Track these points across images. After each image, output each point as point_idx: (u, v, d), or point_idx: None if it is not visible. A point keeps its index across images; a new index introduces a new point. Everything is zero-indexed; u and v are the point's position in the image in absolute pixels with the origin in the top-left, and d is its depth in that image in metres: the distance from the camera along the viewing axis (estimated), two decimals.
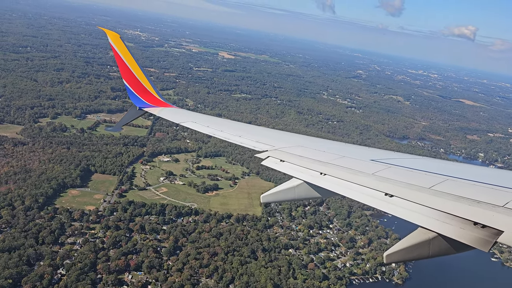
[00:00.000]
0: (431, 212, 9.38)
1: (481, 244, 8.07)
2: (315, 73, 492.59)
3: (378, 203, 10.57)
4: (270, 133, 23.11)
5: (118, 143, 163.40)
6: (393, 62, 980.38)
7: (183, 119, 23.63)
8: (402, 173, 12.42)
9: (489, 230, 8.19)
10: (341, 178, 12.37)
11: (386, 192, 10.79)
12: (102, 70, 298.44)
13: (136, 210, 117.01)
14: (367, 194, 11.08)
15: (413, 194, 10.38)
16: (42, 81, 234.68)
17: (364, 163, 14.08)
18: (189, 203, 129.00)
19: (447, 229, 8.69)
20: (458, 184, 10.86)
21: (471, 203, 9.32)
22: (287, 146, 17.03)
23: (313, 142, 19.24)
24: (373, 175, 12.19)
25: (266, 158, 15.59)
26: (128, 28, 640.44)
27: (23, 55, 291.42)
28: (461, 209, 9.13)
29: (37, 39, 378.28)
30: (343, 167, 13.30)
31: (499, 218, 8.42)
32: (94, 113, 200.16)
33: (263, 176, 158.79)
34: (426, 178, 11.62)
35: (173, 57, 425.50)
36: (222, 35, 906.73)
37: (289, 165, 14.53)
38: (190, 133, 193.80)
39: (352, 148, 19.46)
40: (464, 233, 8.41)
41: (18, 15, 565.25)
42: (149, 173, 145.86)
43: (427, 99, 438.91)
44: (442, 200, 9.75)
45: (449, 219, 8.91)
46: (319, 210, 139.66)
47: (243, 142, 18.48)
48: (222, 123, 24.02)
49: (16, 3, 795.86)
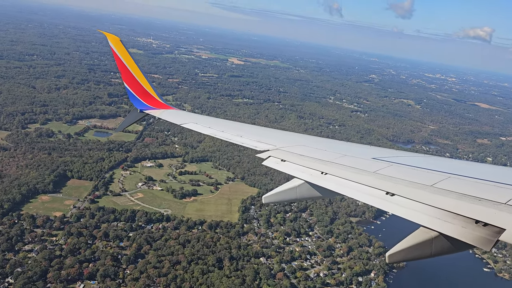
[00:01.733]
0: (432, 210, 9.30)
1: (483, 243, 7.97)
2: (325, 78, 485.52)
3: (379, 202, 10.51)
4: (272, 133, 22.86)
5: (103, 149, 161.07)
6: (410, 67, 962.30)
7: (184, 121, 24.04)
8: (404, 171, 12.37)
9: (491, 228, 8.10)
10: (342, 177, 12.38)
11: (387, 191, 10.72)
12: (104, 76, 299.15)
13: (105, 217, 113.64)
14: (368, 194, 11.02)
15: (414, 193, 10.29)
16: (40, 87, 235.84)
17: (366, 161, 14.00)
18: (163, 209, 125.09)
19: (448, 228, 8.62)
20: (460, 182, 10.80)
21: (473, 201, 9.24)
22: (289, 145, 17.09)
23: (315, 141, 19.36)
24: (375, 174, 12.17)
25: (267, 158, 15.58)
26: (141, 36, 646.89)
27: (26, 63, 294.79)
28: (462, 207, 9.02)
29: (46, 47, 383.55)
30: (344, 166, 13.34)
31: (501, 216, 8.36)
32: (86, 119, 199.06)
33: (248, 181, 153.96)
34: (428, 176, 11.50)
35: (180, 63, 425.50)
36: (237, 41, 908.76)
37: (290, 165, 14.48)
38: (180, 138, 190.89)
39: (354, 147, 19.43)
40: (466, 232, 8.34)
41: (34, 25, 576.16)
42: (128, 178, 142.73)
43: (440, 103, 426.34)
44: (444, 198, 9.67)
45: (450, 218, 8.82)
46: (301, 216, 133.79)
47: (244, 142, 18.60)
48: (223, 123, 24.09)
49: (33, 13, 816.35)
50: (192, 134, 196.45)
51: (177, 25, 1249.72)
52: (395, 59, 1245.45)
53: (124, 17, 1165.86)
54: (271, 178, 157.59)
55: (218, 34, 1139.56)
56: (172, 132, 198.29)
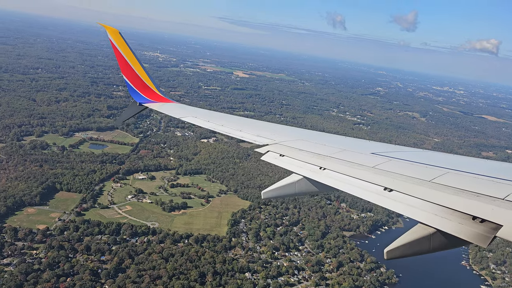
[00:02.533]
0: (430, 206, 9.25)
1: (480, 240, 7.91)
2: (329, 91, 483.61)
3: (377, 198, 10.41)
4: (271, 127, 22.70)
5: (96, 161, 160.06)
6: (418, 79, 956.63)
7: (183, 114, 23.88)
8: (402, 166, 12.23)
9: (488, 224, 8.05)
10: (341, 172, 12.29)
11: (385, 186, 10.64)
12: (106, 89, 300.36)
13: (89, 230, 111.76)
14: (366, 189, 10.94)
15: (412, 188, 10.21)
16: (40, 100, 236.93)
17: (365, 156, 13.91)
18: (150, 222, 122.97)
19: (446, 224, 8.56)
20: (458, 177, 10.70)
21: (470, 196, 9.17)
22: (288, 140, 16.98)
23: (314, 136, 19.22)
24: (373, 169, 12.05)
25: (266, 153, 15.48)
26: (148, 50, 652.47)
27: (30, 76, 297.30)
28: (460, 203, 8.97)
29: (52, 61, 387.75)
30: (343, 161, 13.22)
31: (498, 212, 8.27)
32: (83, 131, 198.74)
33: (241, 194, 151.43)
34: (426, 171, 11.41)
35: (185, 77, 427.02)
36: (244, 55, 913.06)
37: (289, 160, 14.41)
38: (176, 151, 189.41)
39: (353, 142, 18.88)
40: (462, 228, 8.28)
41: (42, 40, 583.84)
42: (118, 191, 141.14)
43: (446, 115, 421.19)
44: (442, 194, 9.59)
45: (448, 214, 8.76)
46: (292, 230, 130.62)
47: (243, 136, 18.56)
48: (223, 117, 24.12)
49: (44, 28, 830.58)
50: (188, 147, 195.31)
51: (186, 40, 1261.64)
52: (403, 72, 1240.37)
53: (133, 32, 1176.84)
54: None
55: (226, 48, 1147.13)
56: (168, 144, 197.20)
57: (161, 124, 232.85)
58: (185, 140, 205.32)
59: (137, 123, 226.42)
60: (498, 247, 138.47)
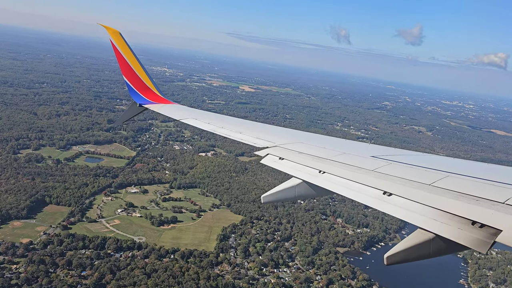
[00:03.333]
0: (429, 211, 9.14)
1: (479, 246, 7.80)
2: (335, 105, 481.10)
3: (376, 203, 10.33)
4: (272, 129, 22.61)
5: (89, 174, 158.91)
6: (427, 94, 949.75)
7: (183, 116, 23.68)
8: (402, 170, 12.16)
9: (487, 229, 7.92)
10: (340, 176, 12.18)
11: (384, 190, 10.56)
12: (108, 103, 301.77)
13: (73, 244, 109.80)
14: (365, 193, 10.83)
15: (412, 192, 10.13)
16: (41, 114, 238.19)
17: (364, 159, 13.75)
18: (137, 236, 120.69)
19: (445, 230, 8.45)
20: (459, 181, 10.64)
21: (469, 200, 9.07)
22: (288, 142, 16.87)
23: (315, 138, 19.07)
24: (373, 173, 11.98)
25: (265, 156, 15.40)
26: (156, 65, 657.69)
27: (34, 90, 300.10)
28: (459, 207, 8.88)
29: (58, 75, 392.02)
30: (343, 164, 13.16)
31: (498, 216, 8.15)
32: (80, 144, 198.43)
33: (234, 208, 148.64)
34: (426, 175, 11.31)
35: (190, 91, 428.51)
36: (252, 70, 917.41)
37: (288, 163, 14.32)
38: (172, 164, 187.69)
39: (353, 145, 18.91)
40: (462, 233, 8.16)
41: (52, 55, 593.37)
42: (108, 204, 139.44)
43: (453, 130, 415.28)
44: (441, 198, 9.51)
45: (447, 219, 8.67)
46: (283, 245, 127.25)
47: (243, 138, 18.44)
48: (224, 119, 24.06)
49: (56, 44, 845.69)
50: (185, 160, 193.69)
51: (195, 55, 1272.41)
52: (412, 86, 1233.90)
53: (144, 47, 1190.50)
54: (258, 205, 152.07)
55: (235, 63, 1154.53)
56: (165, 157, 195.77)
57: (160, 138, 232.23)
58: (182, 154, 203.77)
59: (136, 137, 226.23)
60: (498, 265, 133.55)
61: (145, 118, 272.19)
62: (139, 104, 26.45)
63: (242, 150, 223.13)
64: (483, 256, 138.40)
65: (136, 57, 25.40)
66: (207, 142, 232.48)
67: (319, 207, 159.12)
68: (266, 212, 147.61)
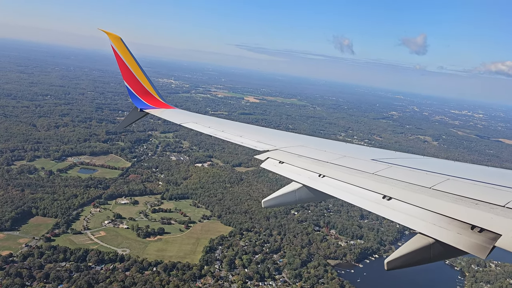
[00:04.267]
0: (429, 215, 9.07)
1: (478, 251, 7.68)
2: (340, 115, 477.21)
3: (375, 207, 10.25)
4: (273, 133, 22.43)
5: (80, 185, 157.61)
6: (436, 103, 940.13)
7: (184, 120, 23.92)
8: (403, 173, 12.07)
9: (486, 234, 7.84)
10: (340, 179, 12.18)
11: (384, 194, 10.52)
12: (110, 114, 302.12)
13: (54, 256, 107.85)
14: (364, 197, 10.76)
15: (411, 196, 10.07)
16: (40, 125, 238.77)
17: (365, 163, 13.73)
18: (121, 248, 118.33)
19: (444, 235, 8.35)
20: (459, 184, 10.56)
21: (469, 204, 9.01)
22: (289, 146, 16.86)
23: (315, 142, 19.01)
24: (372, 176, 11.96)
25: (266, 160, 15.36)
26: (163, 77, 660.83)
27: (36, 102, 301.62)
28: (458, 211, 8.84)
29: (63, 88, 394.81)
30: (343, 168, 13.17)
31: (497, 220, 8.08)
32: (76, 156, 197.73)
33: (224, 220, 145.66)
34: (426, 178, 11.24)
35: (193, 102, 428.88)
36: (260, 81, 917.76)
37: (288, 167, 14.26)
38: (166, 175, 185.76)
39: (354, 148, 19.09)
40: (461, 238, 8.08)
41: (60, 68, 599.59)
42: (96, 216, 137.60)
43: (460, 139, 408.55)
44: (441, 201, 9.46)
45: (446, 223, 8.62)
46: (272, 258, 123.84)
47: (244, 142, 18.41)
48: (224, 123, 24.13)
49: (65, 58, 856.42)
50: (180, 171, 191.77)
51: (204, 67, 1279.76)
52: (422, 96, 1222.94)
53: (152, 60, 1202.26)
54: (250, 216, 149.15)
55: (243, 74, 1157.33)
56: (160, 168, 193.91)
57: (157, 149, 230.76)
58: (177, 165, 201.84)
59: (133, 148, 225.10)
60: (496, 278, 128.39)
61: (145, 129, 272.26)
62: (140, 109, 26.65)
63: (240, 161, 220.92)
64: (481, 269, 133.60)
65: (137, 62, 25.55)
66: (204, 153, 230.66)
67: (313, 218, 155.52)
68: (257, 224, 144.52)
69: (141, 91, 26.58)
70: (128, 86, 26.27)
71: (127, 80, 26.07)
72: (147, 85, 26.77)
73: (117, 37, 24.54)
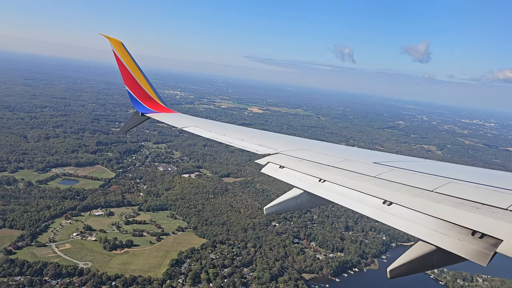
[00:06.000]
0: (430, 221, 8.90)
1: (479, 258, 7.48)
2: (344, 125, 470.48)
3: (376, 213, 10.03)
4: (274, 136, 22.09)
5: (56, 197, 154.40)
6: (448, 113, 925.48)
7: (185, 124, 24.14)
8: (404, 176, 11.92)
9: (487, 240, 7.65)
10: (340, 184, 12.05)
11: (385, 199, 10.33)
12: (106, 125, 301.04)
13: (9, 269, 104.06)
14: (365, 203, 10.58)
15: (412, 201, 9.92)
16: (30, 137, 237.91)
17: (366, 166, 13.50)
18: (83, 262, 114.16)
19: (445, 242, 8.19)
20: (461, 187, 10.41)
21: (470, 208, 8.83)
22: (290, 149, 16.69)
23: (318, 145, 18.90)
24: (374, 180, 11.80)
25: (266, 164, 15.18)
26: (169, 89, 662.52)
27: (32, 114, 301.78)
28: (459, 216, 8.65)
29: (64, 100, 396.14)
30: (344, 172, 13.03)
31: (498, 225, 7.89)
32: (60, 167, 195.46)
33: (199, 232, 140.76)
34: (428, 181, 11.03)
35: (195, 113, 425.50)
36: (268, 92, 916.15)
37: (289, 172, 14.06)
38: (149, 186, 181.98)
39: (355, 151, 18.84)
40: (462, 245, 7.90)
41: (67, 81, 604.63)
42: (65, 228, 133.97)
43: (466, 148, 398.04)
44: (442, 206, 9.28)
45: (447, 229, 8.44)
46: (241, 271, 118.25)
47: (245, 146, 18.65)
48: (226, 127, 23.99)
49: (75, 71, 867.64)
50: (163, 182, 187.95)
51: (213, 78, 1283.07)
52: (433, 105, 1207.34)
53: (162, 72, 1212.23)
54: (227, 228, 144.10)
55: (252, 85, 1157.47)
56: (144, 179, 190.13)
57: (147, 160, 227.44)
58: (162, 175, 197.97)
59: (122, 158, 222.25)
60: None
61: (138, 139, 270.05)
62: (141, 113, 26.64)
63: (229, 171, 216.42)
64: (467, 283, 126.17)
65: (138, 67, 25.44)
66: (194, 163, 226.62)
67: (293, 230, 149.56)
68: (233, 236, 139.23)
69: (143, 95, 26.60)
70: (129, 90, 26.26)
71: (128, 84, 26.03)
72: (149, 90, 26.77)
73: (118, 41, 24.46)
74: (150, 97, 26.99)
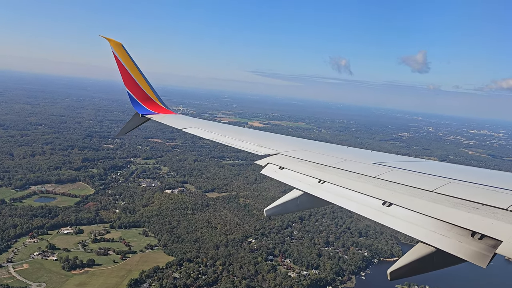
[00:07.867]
0: (429, 222, 8.76)
1: (478, 259, 7.36)
2: (344, 137, 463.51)
3: (375, 214, 9.89)
4: (274, 137, 21.98)
5: (27, 215, 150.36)
6: (456, 124, 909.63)
7: (185, 125, 23.93)
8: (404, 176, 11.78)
9: (486, 241, 7.53)
10: (340, 185, 11.95)
11: (385, 200, 10.20)
12: (97, 142, 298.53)
13: None
14: (364, 204, 10.49)
15: (412, 202, 9.76)
16: (17, 154, 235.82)
17: (366, 166, 13.40)
18: (37, 283, 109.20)
19: (445, 243, 8.07)
20: (461, 187, 10.23)
21: (470, 209, 8.66)
22: (290, 150, 16.75)
23: (318, 146, 18.82)
24: (374, 181, 11.67)
25: (266, 166, 15.22)
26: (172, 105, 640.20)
27: (23, 131, 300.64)
28: (459, 217, 8.50)
29: (62, 117, 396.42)
30: (343, 172, 12.98)
31: (497, 226, 7.77)
32: (40, 184, 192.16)
33: (168, 249, 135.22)
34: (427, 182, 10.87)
35: None
36: (273, 106, 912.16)
37: (289, 173, 14.06)
38: (128, 202, 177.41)
39: (355, 152, 18.42)
40: (461, 247, 7.78)
41: (71, 99, 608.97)
42: (28, 247, 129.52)
43: (468, 159, 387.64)
44: (442, 206, 9.15)
45: (447, 231, 8.28)
46: None
47: (245, 146, 18.72)
48: (226, 128, 24.26)
49: (82, 89, 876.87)
50: (142, 198, 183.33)
51: (219, 94, 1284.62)
52: (441, 117, 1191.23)
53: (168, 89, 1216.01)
54: (199, 245, 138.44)
55: (258, 100, 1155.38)
56: (124, 196, 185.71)
57: (132, 175, 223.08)
58: (143, 192, 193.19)
59: (106, 175, 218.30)
60: None
61: (127, 155, 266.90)
62: (141, 114, 26.47)
63: (214, 186, 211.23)
64: None
65: (138, 68, 25.27)
66: (179, 178, 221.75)
67: (268, 247, 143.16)
68: (203, 253, 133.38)
69: (143, 97, 26.48)
70: (129, 92, 26.07)
71: (128, 86, 25.78)
72: (149, 91, 26.56)
73: (118, 43, 24.26)
74: (150, 98, 26.84)
